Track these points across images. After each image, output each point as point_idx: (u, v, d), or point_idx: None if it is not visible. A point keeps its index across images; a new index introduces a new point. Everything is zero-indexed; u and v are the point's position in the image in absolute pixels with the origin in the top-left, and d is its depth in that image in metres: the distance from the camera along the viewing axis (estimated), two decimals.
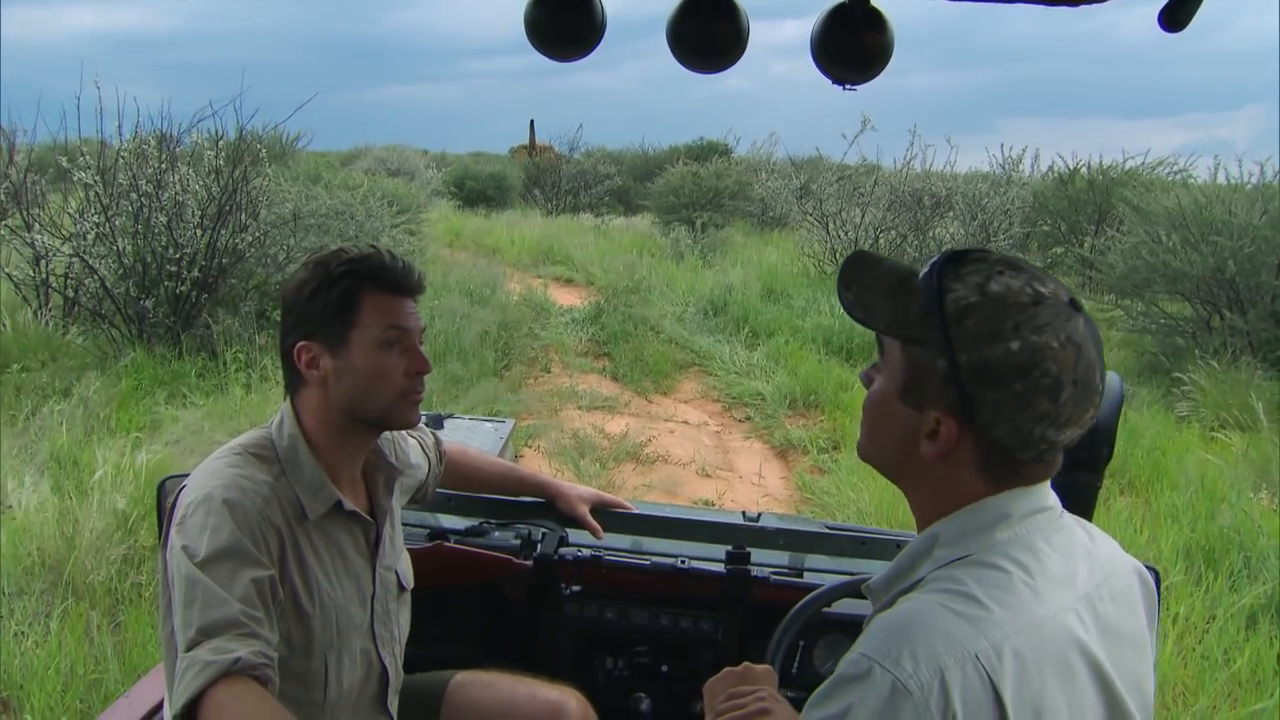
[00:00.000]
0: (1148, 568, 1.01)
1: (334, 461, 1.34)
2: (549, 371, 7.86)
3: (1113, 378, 1.18)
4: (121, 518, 3.62)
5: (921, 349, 0.88)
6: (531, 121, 25.54)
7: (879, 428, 0.94)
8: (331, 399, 1.31)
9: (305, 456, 1.30)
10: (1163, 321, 7.74)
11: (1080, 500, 1.18)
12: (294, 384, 1.34)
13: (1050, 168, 12.66)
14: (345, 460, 1.36)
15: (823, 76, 1.47)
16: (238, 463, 1.26)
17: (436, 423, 2.15)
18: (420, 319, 1.36)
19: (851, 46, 1.43)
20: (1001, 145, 13.22)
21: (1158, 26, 1.12)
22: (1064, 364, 0.84)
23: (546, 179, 22.67)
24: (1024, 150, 12.84)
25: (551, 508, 1.85)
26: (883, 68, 1.45)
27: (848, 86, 1.48)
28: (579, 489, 1.88)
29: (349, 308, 1.29)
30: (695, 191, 16.14)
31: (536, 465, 5.34)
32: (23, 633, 3.06)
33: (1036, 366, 0.84)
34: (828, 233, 11.79)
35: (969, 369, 0.85)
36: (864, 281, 0.94)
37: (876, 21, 1.43)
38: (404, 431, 1.61)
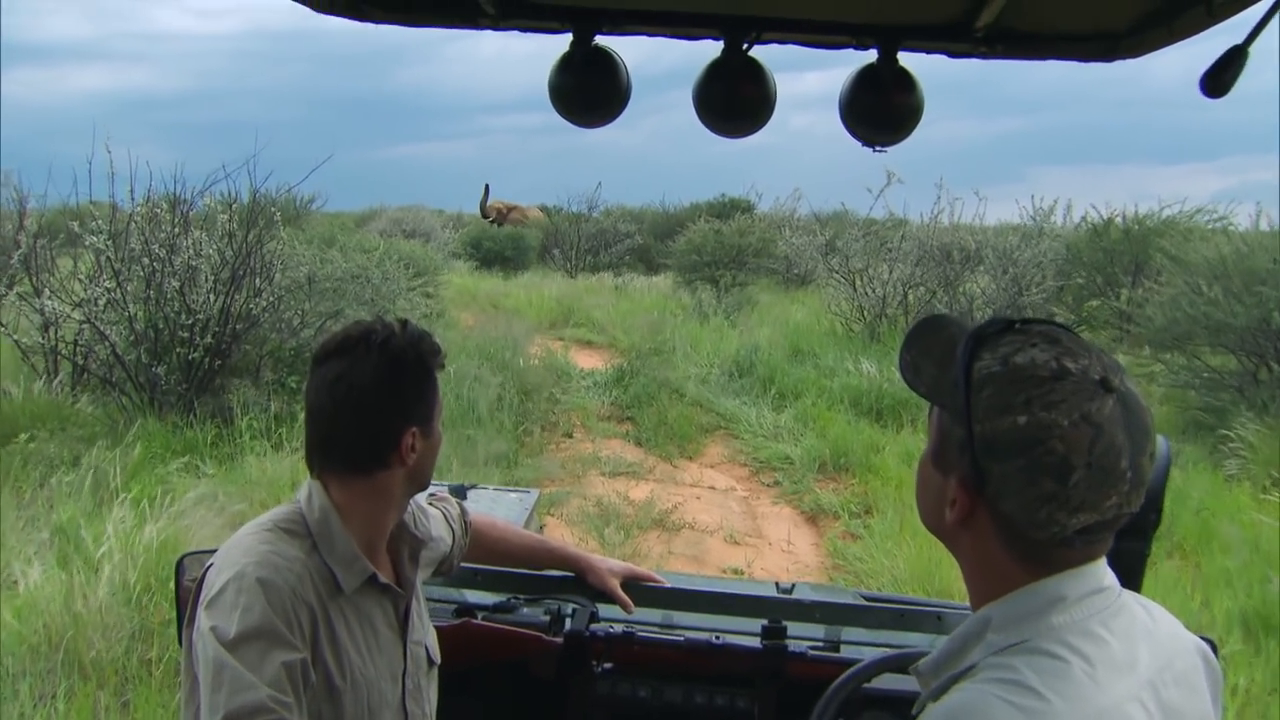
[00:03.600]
0: (1203, 639, 1.00)
1: (368, 535, 1.35)
2: (571, 437, 7.88)
3: (1158, 440, 1.19)
4: (131, 593, 3.60)
5: (950, 415, 0.91)
6: (486, 186, 26.11)
7: (920, 490, 0.97)
8: (413, 478, 1.36)
9: (338, 529, 1.31)
10: (1206, 375, 7.65)
11: (1128, 568, 1.17)
12: (376, 468, 1.33)
13: (1084, 218, 12.36)
14: (379, 533, 1.37)
15: (850, 137, 1.49)
16: (269, 539, 1.26)
17: (459, 493, 2.15)
18: None
19: (881, 108, 1.45)
20: (1032, 196, 13.05)
21: (1199, 92, 1.14)
22: (1074, 444, 0.83)
23: (565, 239, 23.00)
24: (1055, 201, 12.41)
25: (581, 582, 1.84)
26: (913, 128, 1.47)
27: (878, 149, 1.50)
28: (609, 562, 1.88)
29: (433, 388, 1.36)
30: (718, 249, 16.29)
31: (560, 534, 5.32)
32: (27, 715, 3.04)
33: (1041, 444, 0.83)
34: (854, 290, 11.82)
35: (981, 439, 0.86)
36: (923, 345, 0.97)
37: (905, 82, 1.44)
38: (428, 502, 1.63)
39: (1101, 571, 0.90)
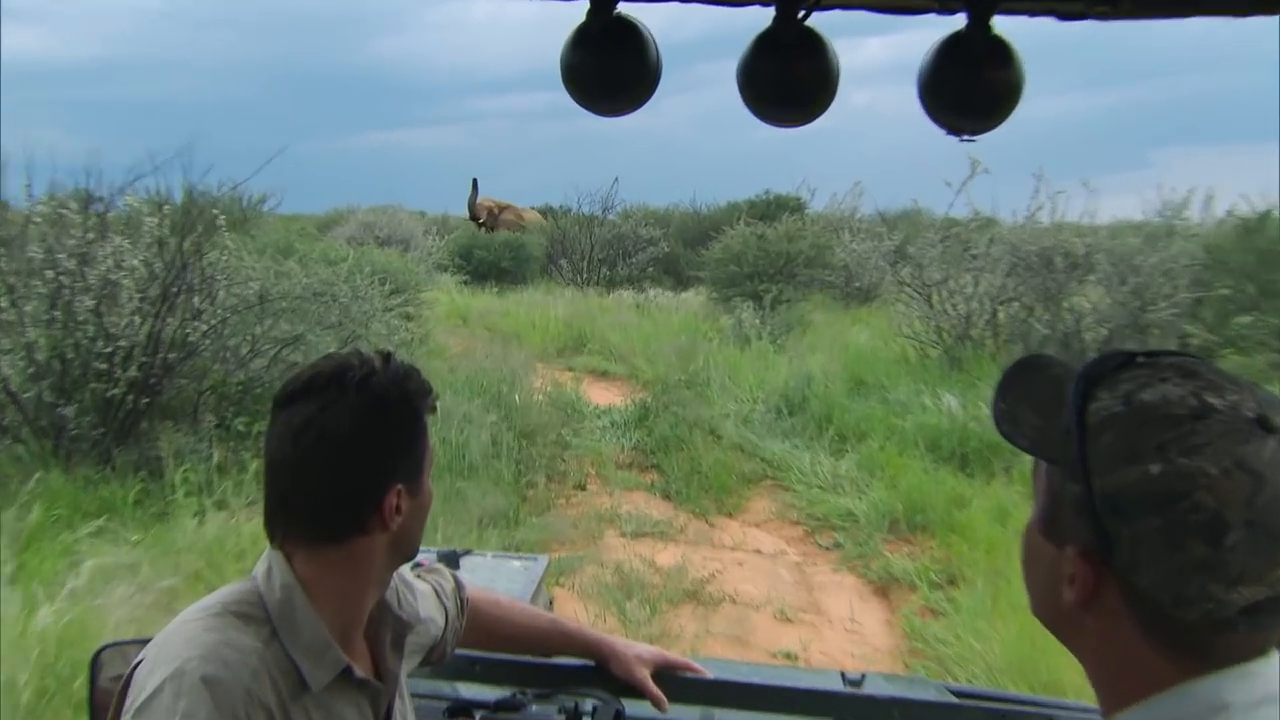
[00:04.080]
0: None
1: (342, 617, 1.33)
2: (584, 489, 8.00)
3: None
4: (18, 697, 3.48)
5: (1062, 470, 0.90)
6: (474, 182, 26.31)
7: (1028, 568, 0.96)
8: (397, 546, 1.35)
9: (304, 612, 1.28)
10: None
11: None
12: (352, 534, 1.32)
13: (1229, 211, 11.83)
14: (355, 615, 1.36)
15: (930, 122, 1.50)
16: (216, 626, 1.23)
17: (451, 562, 2.18)
18: None
19: (970, 87, 1.45)
20: (1158, 185, 12.60)
21: None
22: (1227, 497, 0.80)
23: (574, 247, 23.16)
24: (1190, 191, 11.87)
25: (603, 672, 1.83)
26: (1010, 111, 1.47)
27: (965, 137, 1.50)
28: (637, 648, 1.86)
29: (422, 437, 1.37)
30: (761, 258, 16.36)
31: (571, 610, 5.34)
32: None
33: (1185, 498, 0.81)
34: (930, 306, 11.76)
35: (1103, 495, 0.84)
36: (1022, 389, 0.96)
37: (1001, 54, 1.43)
38: (415, 575, 1.63)
39: (1274, 671, 0.85)
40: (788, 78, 1.46)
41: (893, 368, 10.93)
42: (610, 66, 1.45)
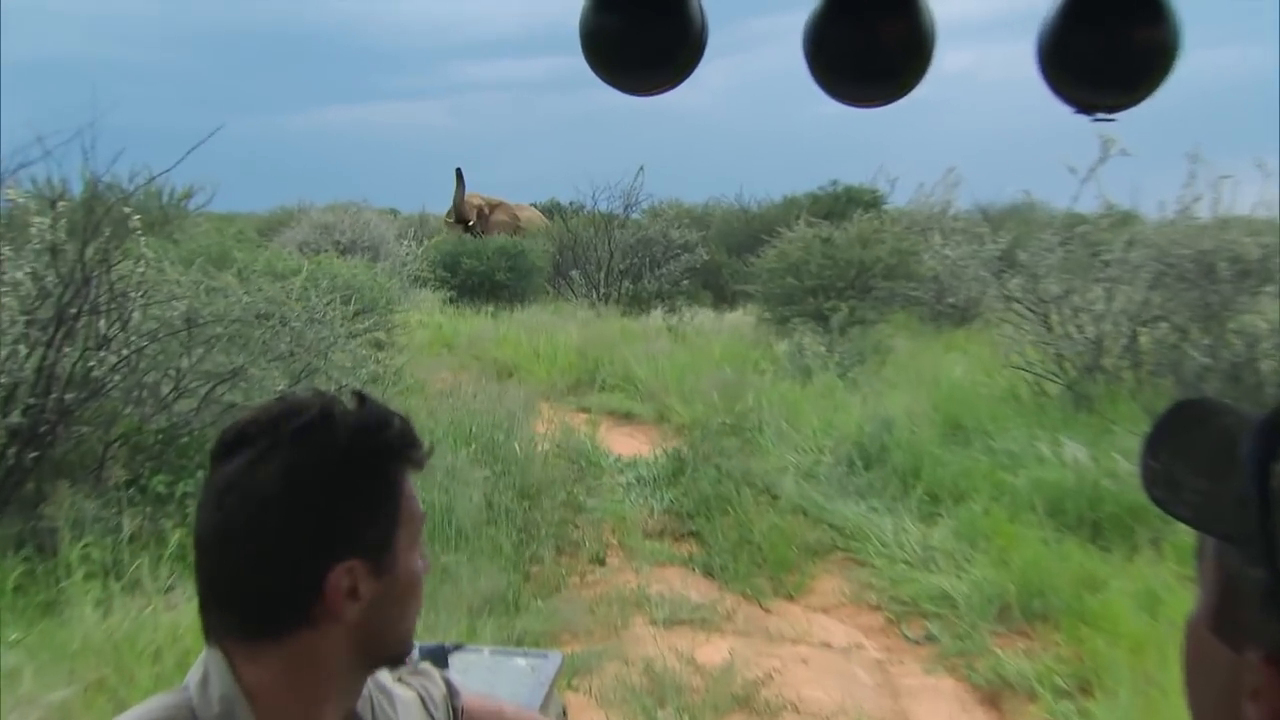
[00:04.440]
0: None
1: None
2: (603, 563, 8.09)
3: None
4: None
5: (1239, 550, 0.88)
6: (458, 173, 26.51)
7: (1192, 676, 0.95)
8: (356, 640, 1.36)
9: None
10: None
11: None
12: (293, 626, 1.33)
13: None
14: None
15: (1054, 96, 1.50)
16: None
17: (439, 659, 2.17)
18: None
19: (1109, 51, 1.44)
20: None
21: None
22: None
23: (589, 255, 23.35)
24: None
25: None
26: (1160, 82, 1.45)
27: (1100, 115, 1.50)
28: None
29: (392, 501, 1.38)
30: (827, 268, 16.55)
31: None
32: None
33: None
34: (1049, 328, 11.70)
35: None
36: (1180, 444, 0.95)
37: (1150, 8, 1.42)
38: (396, 679, 1.65)
39: None
40: (870, 44, 1.47)
41: (999, 408, 10.93)
42: (644, 31, 1.49)
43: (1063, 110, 1.50)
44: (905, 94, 1.52)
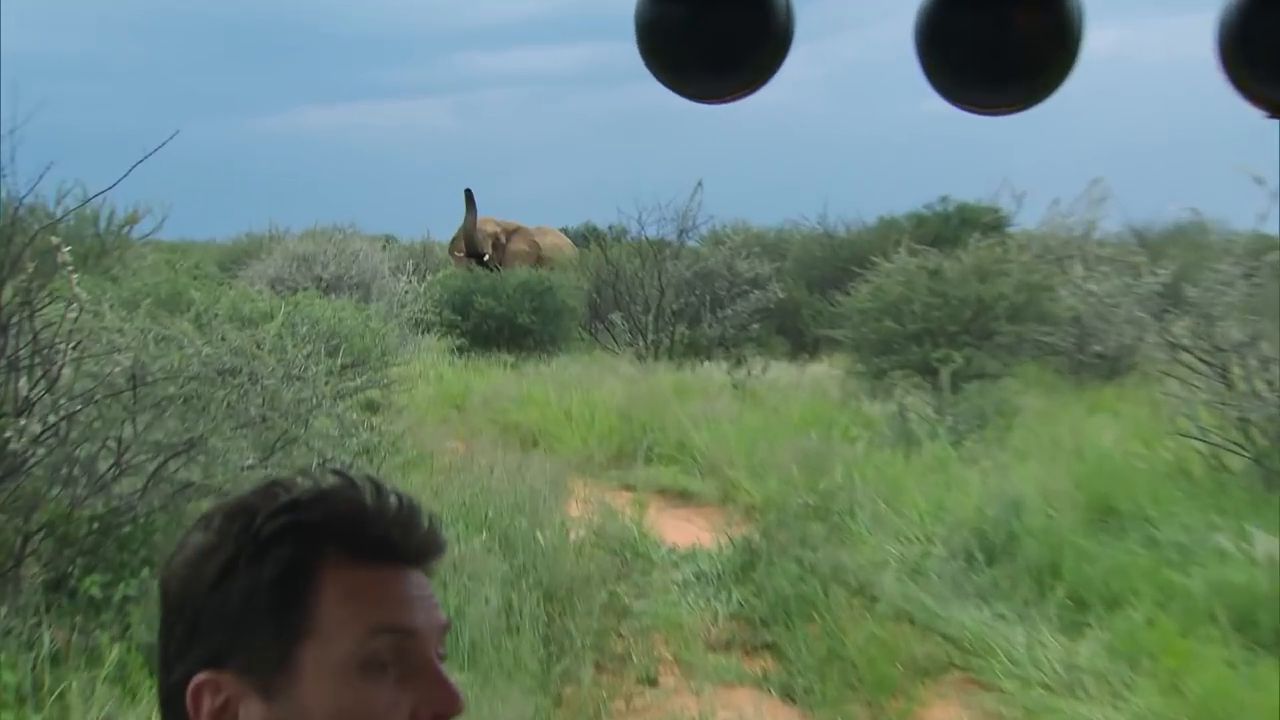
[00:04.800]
0: None
1: None
2: (654, 684, 8.02)
3: None
4: None
5: None
6: (468, 194, 26.62)
7: None
8: None
9: None
10: None
11: None
12: None
13: None
14: None
15: (1234, 92, 1.47)
16: None
17: None
18: (441, 610, 1.40)
19: None
20: None
21: None
22: None
23: (634, 292, 23.33)
24: None
25: None
26: None
27: None
28: None
29: (297, 600, 1.33)
30: (937, 307, 16.52)
31: None
32: None
33: None
34: (1229, 384, 11.61)
35: None
36: None
37: None
38: None
39: None
40: (1003, 37, 1.47)
41: (1163, 487, 10.83)
42: (716, 23, 1.48)
43: (1239, 104, 1.47)
44: (1045, 98, 1.51)
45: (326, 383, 9.54)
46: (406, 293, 21.50)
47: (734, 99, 1.55)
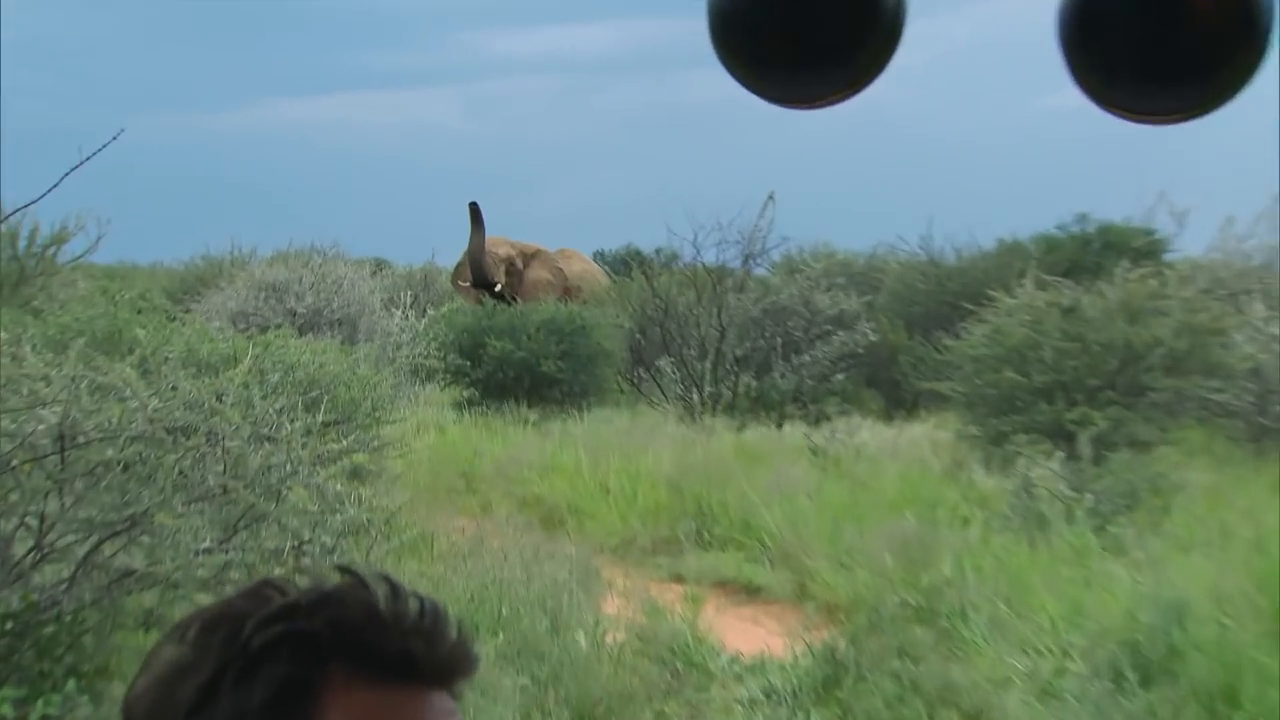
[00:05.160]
0: None
1: None
2: None
3: None
4: None
5: None
6: (473, 208, 26.77)
7: None
8: None
9: None
10: None
11: None
12: None
13: None
14: None
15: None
16: None
17: None
18: None
19: None
20: None
21: None
22: None
23: (687, 333, 23.37)
24: None
25: None
26: None
27: None
28: None
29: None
30: (1072, 355, 16.48)
31: None
32: None
33: None
34: None
35: None
36: None
37: None
38: None
39: None
40: (1173, 24, 1.47)
41: None
42: (812, 11, 1.50)
43: None
44: (1224, 103, 1.51)
45: (303, 445, 9.51)
46: (403, 331, 21.75)
47: (830, 103, 1.56)
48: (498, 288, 26.76)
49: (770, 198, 25.36)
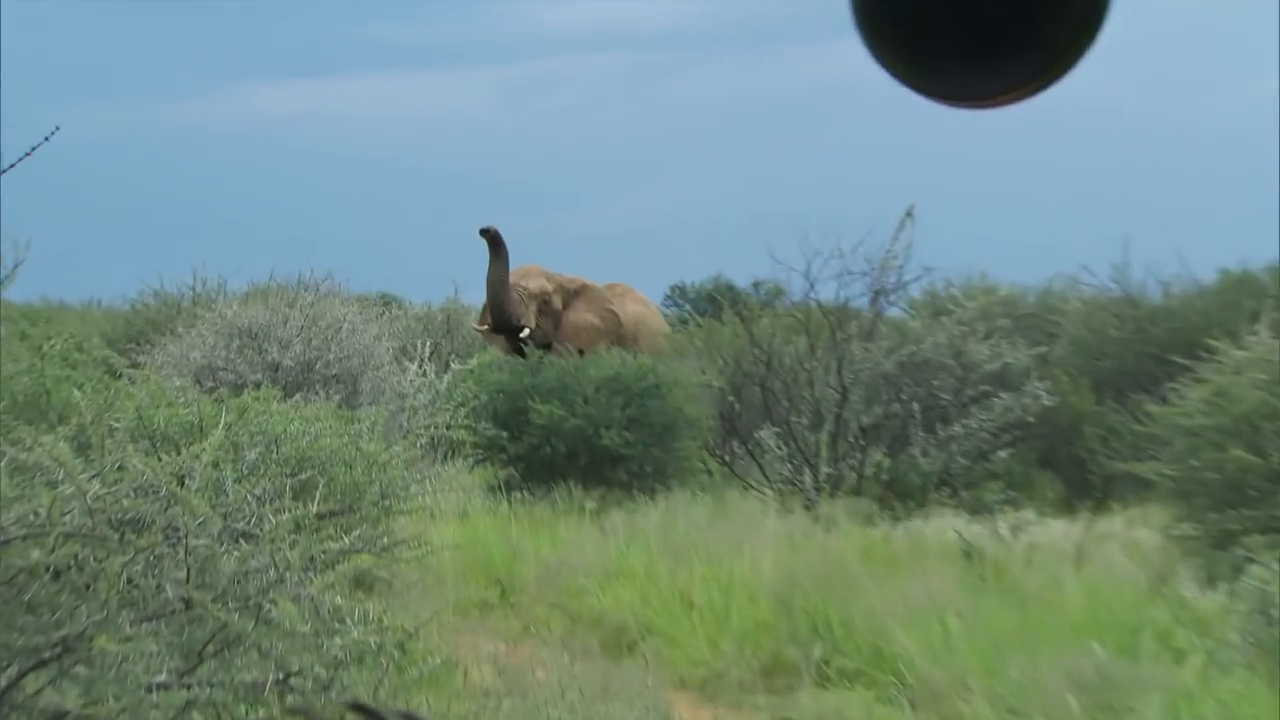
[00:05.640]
0: None
1: None
2: None
3: None
4: None
5: None
6: (491, 235, 26.72)
7: None
8: None
9: None
10: None
11: None
12: None
13: None
14: None
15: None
16: None
17: None
18: None
19: None
20: None
21: None
22: None
23: (794, 394, 23.34)
24: None
25: None
26: None
27: None
28: None
29: None
30: None
31: None
32: None
33: None
34: None
35: None
36: None
37: None
38: None
39: None
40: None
41: None
42: None
43: None
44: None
45: (292, 544, 9.48)
46: (419, 392, 21.74)
47: (1009, 101, 1.55)
48: (524, 334, 26.74)
49: (909, 214, 25.31)
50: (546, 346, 25.90)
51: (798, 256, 25.63)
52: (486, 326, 27.79)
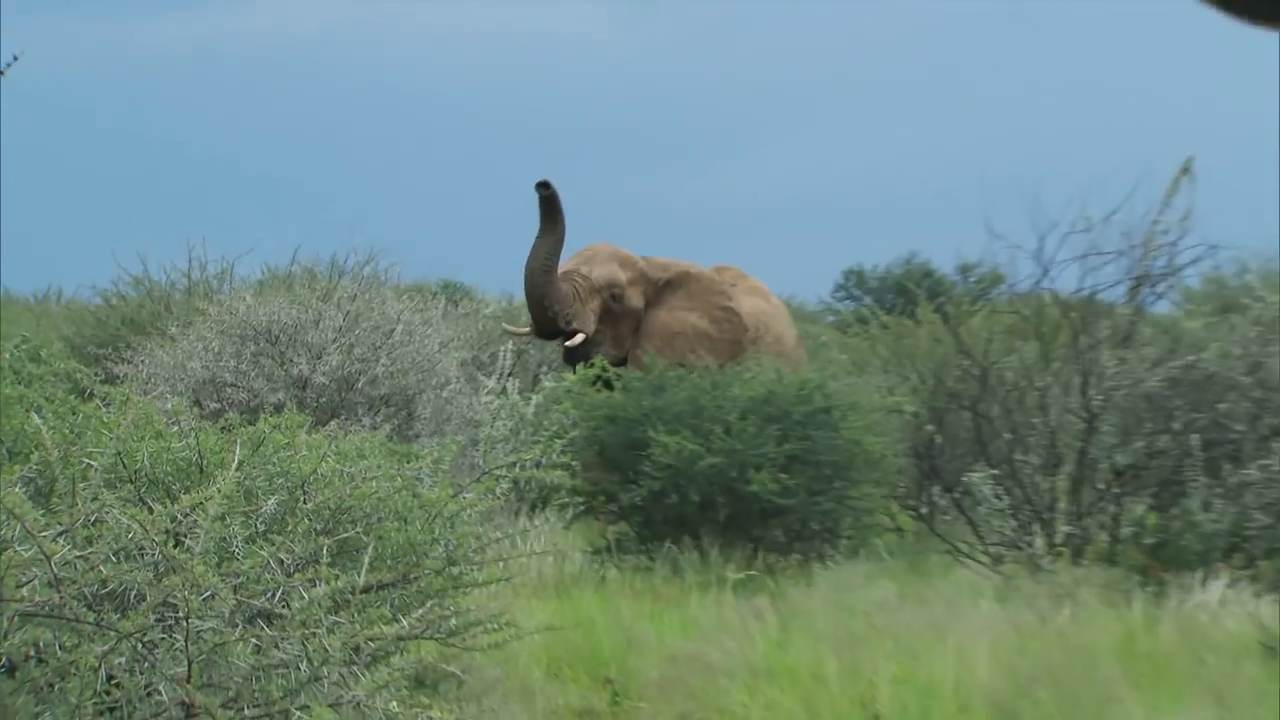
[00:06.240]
0: None
1: None
2: None
3: None
4: None
5: None
6: (545, 193, 26.61)
7: None
8: None
9: None
10: None
11: None
12: None
13: None
14: None
15: None
16: None
17: None
18: None
19: None
20: None
21: None
22: None
23: (1020, 419, 23.37)
24: None
25: None
26: None
27: None
28: None
29: None
30: None
31: None
32: None
33: None
34: None
35: None
36: None
37: None
38: None
39: None
40: None
41: None
42: None
43: None
44: None
45: (330, 628, 9.68)
46: (499, 418, 21.71)
47: None
48: (576, 339, 27.16)
49: (1185, 170, 24.91)
50: (622, 362, 26.22)
51: (1025, 230, 25.20)
52: (527, 329, 27.87)
